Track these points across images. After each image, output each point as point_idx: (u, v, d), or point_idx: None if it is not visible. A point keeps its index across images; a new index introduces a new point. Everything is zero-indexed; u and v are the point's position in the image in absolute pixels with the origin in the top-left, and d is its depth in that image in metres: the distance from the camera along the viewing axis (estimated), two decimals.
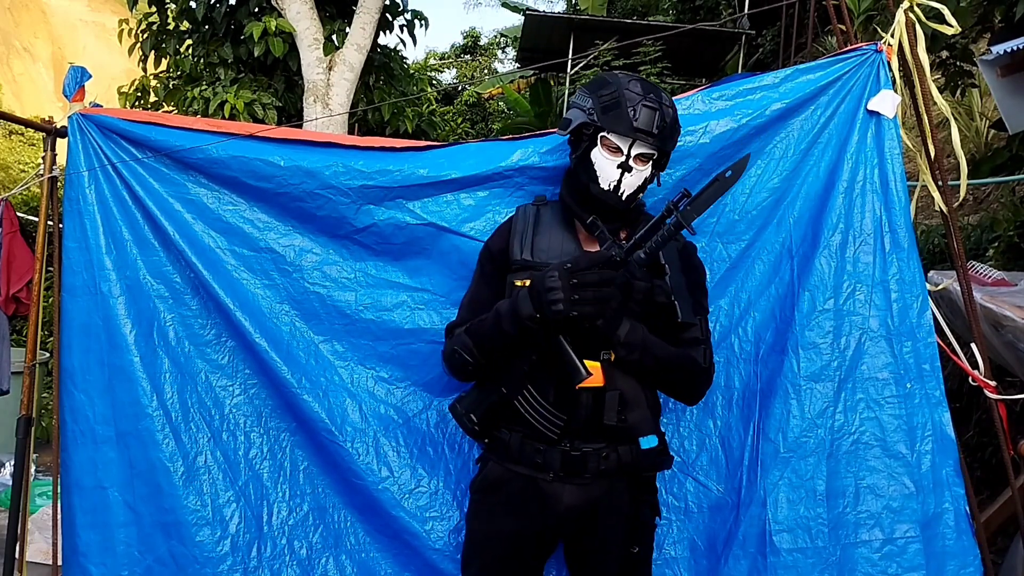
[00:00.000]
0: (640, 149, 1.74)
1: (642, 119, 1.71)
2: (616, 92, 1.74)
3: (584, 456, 1.75)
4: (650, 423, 1.80)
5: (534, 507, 1.78)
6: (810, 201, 2.10)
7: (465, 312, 1.89)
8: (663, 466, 1.84)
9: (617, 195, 1.76)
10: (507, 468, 1.81)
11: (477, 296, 1.89)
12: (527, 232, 1.84)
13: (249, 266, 2.17)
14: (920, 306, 2.01)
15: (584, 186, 1.79)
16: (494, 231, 1.94)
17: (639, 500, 1.81)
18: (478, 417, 1.78)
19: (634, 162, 1.75)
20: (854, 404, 1.98)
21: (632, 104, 1.71)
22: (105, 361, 2.12)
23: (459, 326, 1.86)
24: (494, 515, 1.83)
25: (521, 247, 1.82)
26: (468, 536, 1.89)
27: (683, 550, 2.06)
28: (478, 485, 1.89)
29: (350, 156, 2.11)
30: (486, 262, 1.90)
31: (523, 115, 12.14)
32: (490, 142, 2.17)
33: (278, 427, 2.17)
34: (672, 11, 12.98)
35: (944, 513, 1.94)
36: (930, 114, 2.12)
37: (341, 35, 5.58)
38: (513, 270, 1.81)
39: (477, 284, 1.91)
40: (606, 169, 1.76)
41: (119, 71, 15.48)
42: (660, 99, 1.75)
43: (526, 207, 1.91)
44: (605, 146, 1.75)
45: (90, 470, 2.09)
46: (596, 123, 1.75)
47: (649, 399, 1.82)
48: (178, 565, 2.05)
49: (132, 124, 2.18)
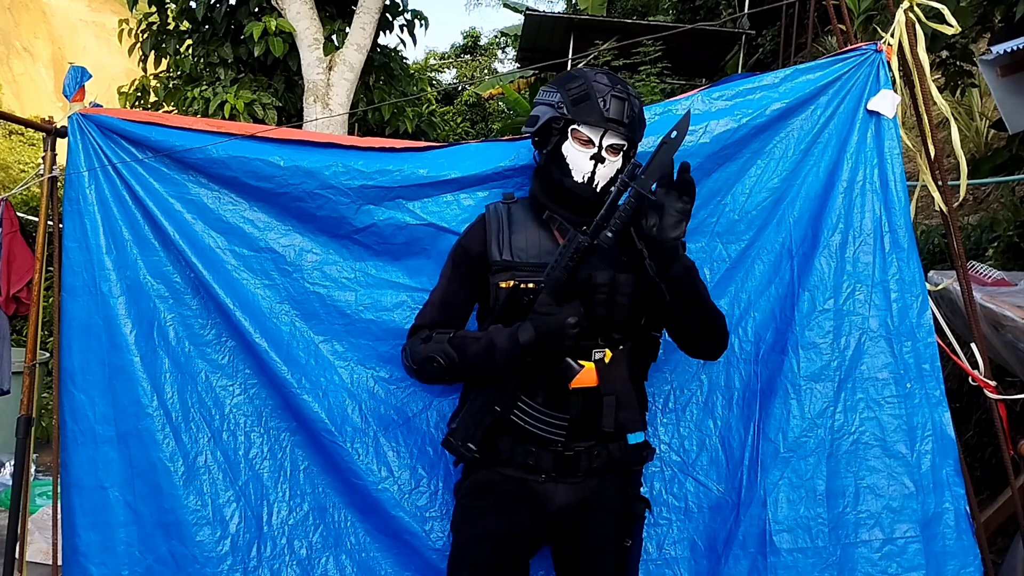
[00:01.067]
0: (612, 139, 1.75)
1: (613, 109, 1.72)
2: (584, 84, 1.74)
3: (576, 455, 1.76)
4: (639, 420, 1.80)
5: (525, 509, 1.78)
6: (810, 201, 2.10)
7: (435, 312, 1.85)
8: (648, 458, 1.85)
9: (591, 187, 1.76)
10: (496, 471, 1.80)
11: (449, 297, 1.86)
12: (503, 231, 1.82)
13: (249, 266, 2.17)
14: (920, 306, 2.01)
15: (557, 181, 1.79)
16: (466, 230, 1.91)
17: (628, 495, 1.82)
18: (477, 444, 1.76)
19: (606, 152, 1.75)
20: (854, 404, 1.98)
21: (602, 95, 1.72)
22: (105, 361, 2.12)
23: (427, 327, 1.82)
24: (484, 518, 1.81)
25: (499, 248, 1.81)
26: (456, 540, 1.86)
27: (683, 550, 2.06)
28: (466, 489, 1.86)
29: (350, 156, 2.11)
30: (461, 262, 1.87)
31: (523, 115, 12.11)
32: (490, 142, 2.17)
33: (278, 427, 2.17)
34: (672, 11, 12.97)
35: (944, 513, 1.94)
36: (930, 114, 2.12)
37: (341, 35, 5.58)
38: (494, 271, 1.80)
39: (450, 283, 1.87)
40: (578, 161, 1.75)
41: (119, 71, 15.49)
42: (627, 90, 1.76)
43: (496, 205, 1.89)
44: (576, 139, 1.75)
45: (90, 470, 2.09)
46: (566, 116, 1.74)
47: (638, 396, 1.83)
48: (178, 565, 2.05)
49: (132, 124, 2.18)
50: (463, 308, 1.87)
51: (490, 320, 1.78)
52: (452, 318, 1.85)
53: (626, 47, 8.80)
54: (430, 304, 1.88)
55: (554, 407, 1.74)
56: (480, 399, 1.77)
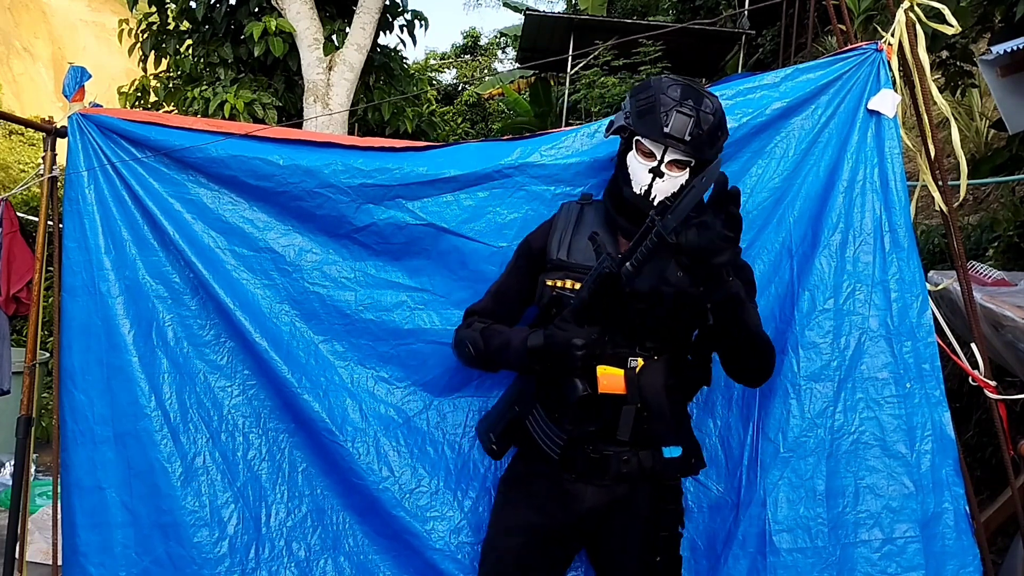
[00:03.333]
0: (673, 155, 1.72)
1: (674, 125, 1.68)
2: (652, 96, 1.72)
3: (605, 459, 1.76)
4: (674, 433, 1.79)
5: (556, 504, 1.81)
6: (810, 201, 2.10)
7: (489, 300, 1.93)
8: (688, 472, 1.85)
9: (648, 200, 1.73)
10: (532, 466, 1.85)
11: (503, 286, 1.93)
12: (567, 231, 1.84)
13: (249, 266, 2.17)
14: (920, 306, 2.01)
15: (619, 189, 1.80)
16: (538, 226, 1.93)
17: (659, 508, 1.81)
18: (496, 436, 1.87)
19: (667, 168, 1.73)
20: (854, 404, 1.98)
21: (665, 109, 1.69)
22: (104, 361, 2.12)
23: (478, 314, 1.90)
24: (516, 508, 1.87)
25: (559, 246, 1.82)
26: (490, 528, 1.92)
27: (683, 550, 2.05)
28: (505, 478, 1.94)
29: (349, 155, 2.11)
30: (521, 256, 1.91)
31: (523, 115, 12.15)
32: (490, 142, 2.17)
33: (277, 428, 2.17)
34: (672, 11, 12.97)
35: (944, 513, 1.94)
36: (930, 114, 2.11)
37: (341, 35, 5.58)
38: (547, 269, 1.81)
39: (508, 274, 1.94)
40: (638, 173, 1.75)
41: (119, 71, 15.49)
42: (699, 106, 1.70)
43: (570, 204, 1.90)
44: (639, 150, 1.75)
45: (89, 470, 2.09)
46: (631, 127, 1.75)
47: (675, 410, 1.80)
48: (175, 566, 2.05)
49: (132, 124, 2.18)
50: (515, 300, 1.91)
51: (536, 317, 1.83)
52: (502, 308, 1.90)
53: (626, 47, 8.81)
54: (488, 292, 1.95)
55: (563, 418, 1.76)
56: (509, 394, 1.86)
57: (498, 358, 1.81)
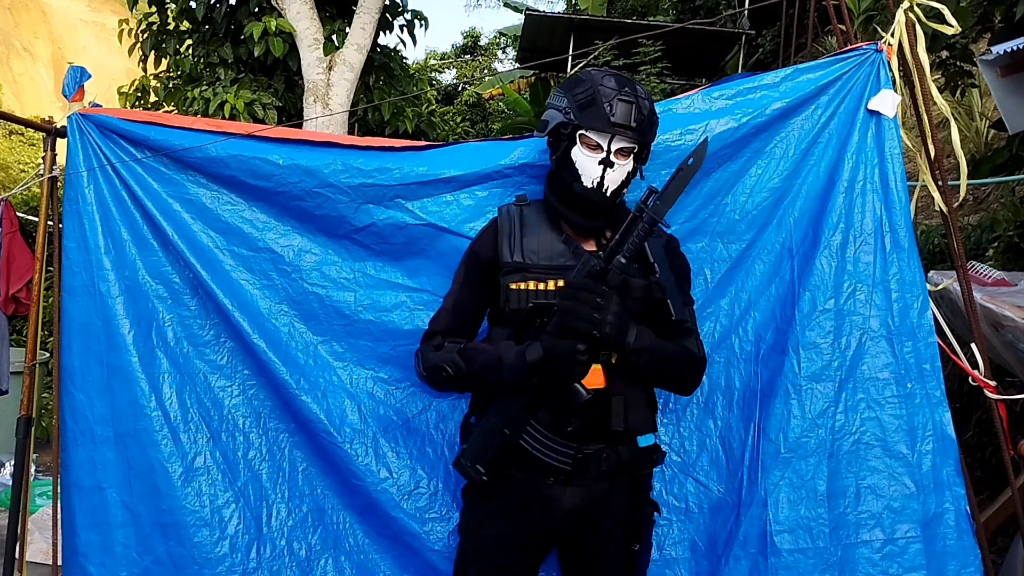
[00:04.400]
0: (620, 144, 1.74)
1: (619, 113, 1.70)
2: (591, 89, 1.73)
3: (586, 458, 1.74)
4: (649, 422, 1.81)
5: (534, 511, 1.78)
6: (810, 201, 2.10)
7: (448, 318, 1.86)
8: (658, 461, 1.85)
9: (601, 192, 1.75)
10: (504, 474, 1.79)
11: (460, 302, 1.86)
12: (514, 233, 1.82)
13: (248, 266, 2.16)
14: (920, 306, 2.01)
15: (567, 186, 1.78)
16: (478, 233, 1.91)
17: (637, 499, 1.81)
18: (486, 466, 1.74)
19: (615, 157, 1.74)
20: (855, 404, 1.98)
21: (608, 99, 1.71)
22: (104, 361, 2.12)
23: (440, 334, 1.83)
24: (492, 520, 1.81)
25: (511, 249, 1.80)
26: (463, 541, 1.87)
27: (683, 551, 2.05)
28: (470, 489, 1.86)
29: (349, 155, 2.11)
30: (472, 267, 1.87)
31: (523, 115, 12.13)
32: (490, 142, 2.17)
33: (277, 428, 2.16)
34: (672, 11, 12.97)
35: (945, 513, 1.94)
36: (930, 114, 2.11)
37: (341, 35, 5.58)
38: (504, 272, 1.80)
39: (462, 288, 1.87)
40: (588, 167, 1.75)
41: (119, 71, 15.49)
42: (636, 92, 1.73)
43: (508, 207, 1.89)
44: (584, 144, 1.75)
45: (89, 470, 2.09)
46: (573, 121, 1.74)
47: (647, 398, 1.83)
48: (176, 566, 2.04)
49: (131, 124, 2.17)
50: (476, 313, 1.88)
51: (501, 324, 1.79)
52: (465, 324, 1.86)
53: (626, 47, 8.80)
54: (444, 310, 1.88)
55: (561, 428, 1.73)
56: (491, 420, 1.75)
57: (484, 377, 1.73)
